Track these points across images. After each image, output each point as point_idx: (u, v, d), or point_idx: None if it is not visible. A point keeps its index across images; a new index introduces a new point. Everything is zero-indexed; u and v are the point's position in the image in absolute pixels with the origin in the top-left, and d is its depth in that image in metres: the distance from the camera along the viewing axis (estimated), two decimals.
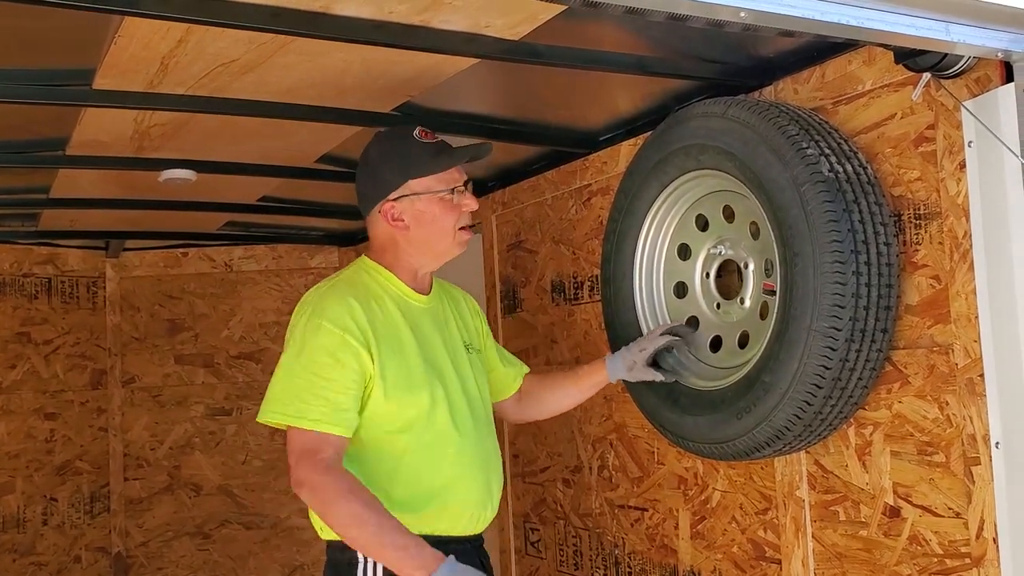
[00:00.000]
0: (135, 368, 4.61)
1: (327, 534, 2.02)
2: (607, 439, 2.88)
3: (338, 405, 1.91)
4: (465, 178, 2.11)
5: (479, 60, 2.09)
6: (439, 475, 2.01)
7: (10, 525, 4.23)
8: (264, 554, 4.63)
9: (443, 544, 1.94)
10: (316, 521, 2.03)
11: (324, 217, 4.17)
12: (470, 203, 2.10)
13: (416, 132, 2.07)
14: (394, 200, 2.06)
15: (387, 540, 1.84)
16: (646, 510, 2.72)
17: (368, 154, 2.12)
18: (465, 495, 2.03)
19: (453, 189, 2.07)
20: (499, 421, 2.34)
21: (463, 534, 2.03)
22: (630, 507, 2.78)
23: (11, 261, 4.30)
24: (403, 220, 2.06)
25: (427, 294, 2.15)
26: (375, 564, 1.92)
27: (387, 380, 1.96)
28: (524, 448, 3.30)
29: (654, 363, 2.25)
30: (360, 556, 1.95)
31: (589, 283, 2.94)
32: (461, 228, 2.10)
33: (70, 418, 4.44)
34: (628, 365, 2.26)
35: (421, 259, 2.11)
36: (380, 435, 1.98)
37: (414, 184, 2.05)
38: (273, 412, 1.96)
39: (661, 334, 2.24)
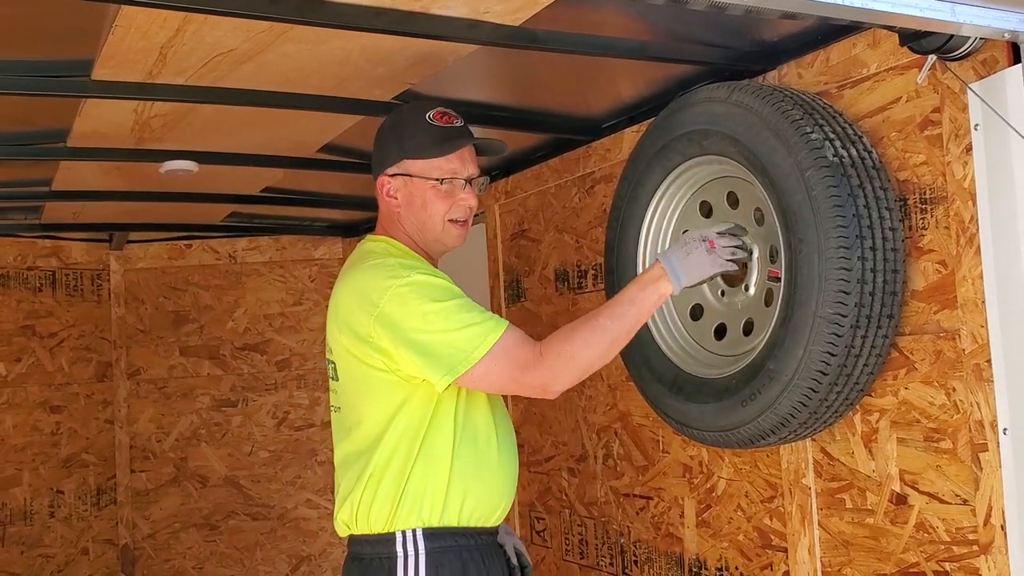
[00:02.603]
0: (140, 360, 4.61)
1: (346, 530, 1.97)
2: (612, 428, 2.87)
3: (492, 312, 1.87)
4: (470, 172, 2.00)
5: (480, 47, 2.07)
6: (481, 462, 1.94)
7: (17, 518, 4.24)
8: (271, 545, 4.64)
9: (480, 535, 1.92)
10: (338, 517, 1.97)
11: (328, 208, 4.17)
12: (465, 197, 1.99)
13: (431, 113, 1.98)
14: (390, 175, 2.00)
15: (625, 314, 1.83)
16: (651, 499, 2.71)
17: (383, 122, 2.07)
18: (502, 483, 1.97)
19: (444, 180, 1.97)
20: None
21: (495, 524, 1.99)
22: (635, 496, 2.78)
23: (15, 254, 4.30)
24: (396, 198, 2.00)
25: None
26: (416, 563, 1.87)
27: None
28: (529, 437, 3.29)
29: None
30: (401, 551, 1.88)
31: (593, 272, 2.92)
32: (451, 220, 1.99)
33: (76, 411, 4.45)
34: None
35: (419, 240, 2.02)
36: (448, 419, 1.90)
37: (408, 164, 1.98)
38: (459, 363, 1.80)
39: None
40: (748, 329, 2.20)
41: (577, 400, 3.02)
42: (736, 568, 2.41)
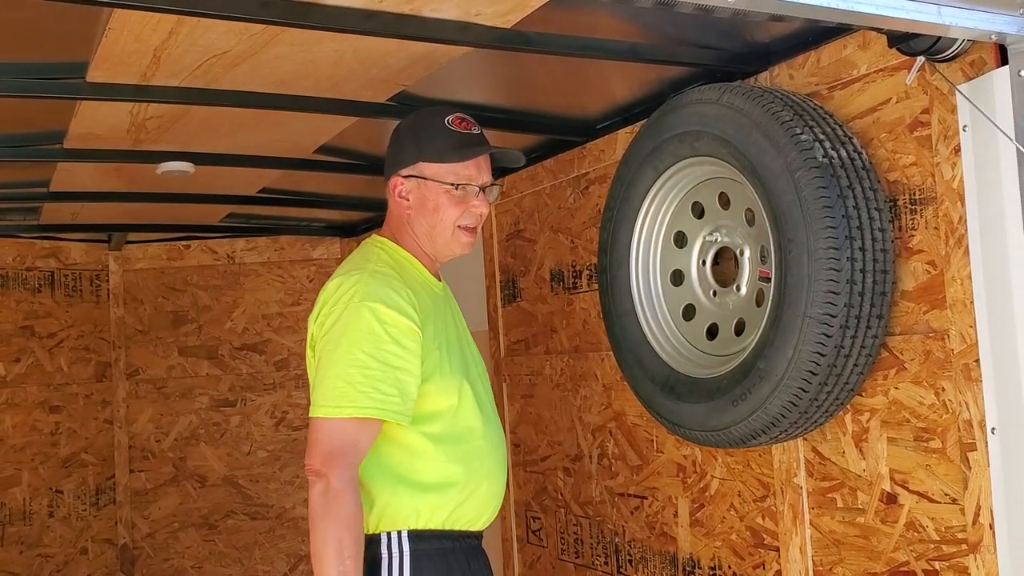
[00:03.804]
0: (139, 360, 4.63)
1: None
2: (607, 428, 2.88)
3: (408, 395, 1.85)
4: (484, 179, 2.01)
5: (472, 49, 2.08)
6: (468, 467, 1.94)
7: (16, 518, 4.25)
8: (269, 544, 4.65)
9: (465, 538, 1.93)
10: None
11: (325, 208, 4.18)
12: (478, 204, 1.99)
13: (450, 118, 1.98)
14: (404, 177, 1.99)
15: (325, 552, 1.76)
16: (645, 498, 2.72)
17: (400, 123, 2.07)
18: (489, 488, 1.98)
19: (459, 185, 1.96)
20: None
21: (481, 528, 2.00)
22: (630, 495, 2.79)
23: (14, 255, 4.31)
24: (408, 200, 1.99)
25: (439, 281, 2.08)
26: (400, 564, 1.88)
27: (428, 366, 1.89)
28: (525, 437, 3.30)
29: None
30: (385, 552, 1.88)
31: (588, 272, 2.93)
32: (461, 226, 1.99)
33: (75, 411, 4.46)
34: None
35: (426, 245, 2.03)
36: (412, 423, 1.90)
37: (424, 167, 1.97)
38: (335, 406, 1.80)
39: None
40: (739, 329, 2.21)
41: (572, 400, 3.03)
42: (729, 567, 2.42)
